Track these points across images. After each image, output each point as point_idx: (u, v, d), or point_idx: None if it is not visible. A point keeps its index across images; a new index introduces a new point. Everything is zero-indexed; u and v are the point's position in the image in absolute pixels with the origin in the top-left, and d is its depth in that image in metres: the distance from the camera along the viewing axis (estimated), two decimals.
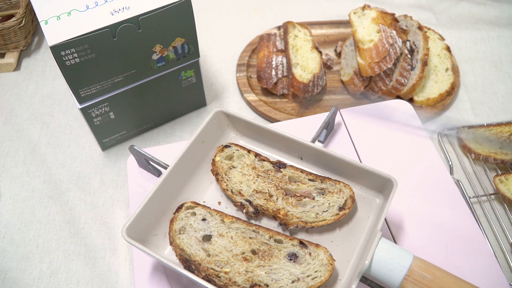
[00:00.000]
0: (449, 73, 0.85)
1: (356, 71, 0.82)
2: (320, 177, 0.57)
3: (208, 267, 0.50)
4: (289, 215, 0.54)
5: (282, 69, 0.82)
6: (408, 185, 0.62)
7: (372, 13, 0.81)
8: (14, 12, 0.94)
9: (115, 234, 0.69)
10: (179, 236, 0.53)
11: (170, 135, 0.80)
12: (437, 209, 0.60)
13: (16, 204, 0.72)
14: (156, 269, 0.55)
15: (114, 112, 0.71)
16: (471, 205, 0.69)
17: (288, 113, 0.81)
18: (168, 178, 0.55)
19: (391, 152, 0.66)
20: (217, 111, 0.60)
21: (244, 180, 0.57)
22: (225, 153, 0.60)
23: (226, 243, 0.52)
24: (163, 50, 0.67)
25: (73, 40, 0.57)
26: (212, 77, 0.89)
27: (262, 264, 0.50)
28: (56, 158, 0.77)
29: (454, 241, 0.57)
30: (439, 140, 0.78)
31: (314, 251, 0.51)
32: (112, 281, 0.64)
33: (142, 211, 0.52)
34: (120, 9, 0.60)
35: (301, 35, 0.86)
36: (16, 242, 0.68)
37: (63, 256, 0.66)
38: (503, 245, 0.66)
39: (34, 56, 0.93)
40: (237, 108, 0.84)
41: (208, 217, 0.54)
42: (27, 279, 0.64)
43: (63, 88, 0.87)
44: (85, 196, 0.73)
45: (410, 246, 0.56)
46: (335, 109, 0.65)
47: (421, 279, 0.46)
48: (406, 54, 0.80)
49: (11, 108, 0.84)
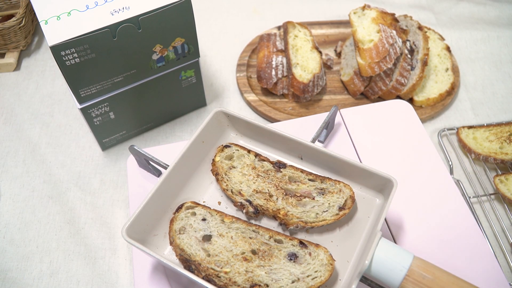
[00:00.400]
0: (449, 73, 0.85)
1: (356, 71, 0.82)
2: (320, 177, 0.57)
3: (208, 267, 0.50)
4: (289, 215, 0.54)
5: (282, 69, 0.82)
6: (408, 185, 0.62)
7: (372, 13, 0.81)
8: (14, 12, 0.94)
9: (115, 234, 0.69)
10: (179, 236, 0.53)
11: (170, 135, 0.80)
12: (437, 209, 0.60)
13: (16, 204, 0.72)
14: (156, 269, 0.55)
15: (114, 112, 0.71)
16: (471, 205, 0.69)
17: (288, 113, 0.81)
18: (168, 178, 0.55)
19: (391, 152, 0.66)
20: (217, 111, 0.60)
21: (244, 180, 0.57)
22: (225, 153, 0.60)
23: (226, 243, 0.52)
24: (163, 50, 0.67)
25: (73, 40, 0.57)
26: (212, 77, 0.89)
27: (262, 264, 0.50)
28: (56, 158, 0.77)
29: (454, 241, 0.57)
30: (439, 140, 0.78)
31: (314, 251, 0.51)
32: (112, 281, 0.64)
33: (142, 211, 0.52)
34: (120, 9, 0.60)
35: (301, 35, 0.86)
36: (16, 242, 0.68)
37: (63, 256, 0.66)
38: (503, 245, 0.66)
39: (34, 56, 0.93)
40: (237, 108, 0.84)
41: (208, 217, 0.54)
42: (27, 279, 0.64)
43: (63, 88, 0.87)
44: (85, 196, 0.73)
45: (410, 246, 0.56)
46: (335, 109, 0.65)
47: (421, 279, 0.46)
48: (406, 54, 0.80)
49: (11, 108, 0.84)
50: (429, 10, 1.02)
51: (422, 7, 1.02)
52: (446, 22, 0.99)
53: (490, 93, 0.86)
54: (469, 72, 0.90)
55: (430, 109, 0.81)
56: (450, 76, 0.84)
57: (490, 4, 1.02)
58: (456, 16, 1.00)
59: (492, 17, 1.00)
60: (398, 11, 1.00)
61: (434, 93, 0.82)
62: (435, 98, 0.81)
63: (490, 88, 0.87)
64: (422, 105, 0.82)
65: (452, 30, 0.97)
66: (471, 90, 0.87)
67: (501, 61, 0.92)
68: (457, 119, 0.82)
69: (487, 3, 1.03)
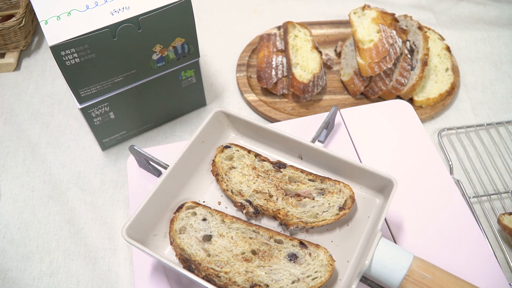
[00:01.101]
0: (449, 73, 0.85)
1: (356, 71, 0.82)
2: (320, 177, 0.57)
3: (208, 267, 0.50)
4: (289, 215, 0.54)
5: (282, 69, 0.82)
6: (408, 185, 0.62)
7: (372, 13, 0.81)
8: (14, 12, 0.94)
9: (115, 234, 0.69)
10: (179, 236, 0.53)
11: (170, 135, 0.80)
12: (437, 209, 0.60)
13: (16, 204, 0.72)
14: (156, 269, 0.55)
15: (114, 112, 0.71)
16: (471, 205, 0.69)
17: (288, 113, 0.81)
18: (168, 178, 0.55)
19: (391, 152, 0.66)
20: (217, 111, 0.60)
21: (244, 181, 0.57)
22: (225, 153, 0.60)
23: (226, 243, 0.52)
24: (163, 50, 0.67)
25: (73, 40, 0.57)
26: (212, 77, 0.89)
27: (262, 264, 0.50)
28: (56, 158, 0.77)
29: (454, 241, 0.57)
30: (439, 140, 0.78)
31: (314, 251, 0.51)
32: (112, 281, 0.64)
33: (142, 211, 0.52)
34: (120, 9, 0.60)
35: (301, 35, 0.86)
36: (16, 242, 0.68)
37: (63, 256, 0.66)
38: (503, 245, 0.66)
39: (34, 56, 0.93)
40: (237, 108, 0.84)
41: (208, 217, 0.54)
42: (27, 279, 0.64)
43: (63, 88, 0.87)
44: (85, 196, 0.73)
45: (410, 246, 0.56)
46: (335, 109, 0.65)
47: (421, 279, 0.46)
48: (406, 54, 0.80)
49: (11, 108, 0.84)
50: (429, 10, 1.02)
51: (422, 7, 1.02)
52: (446, 22, 0.99)
53: (490, 93, 0.86)
54: (469, 72, 0.90)
55: (430, 109, 0.81)
56: (450, 76, 0.84)
57: (490, 4, 1.02)
58: (456, 16, 1.00)
59: (492, 17, 1.00)
60: (398, 11, 1.00)
61: (434, 93, 0.82)
62: (435, 98, 0.81)
63: (490, 88, 0.87)
64: (422, 105, 0.82)
65: (452, 30, 0.97)
66: (471, 90, 0.87)
67: (501, 61, 0.92)
68: (457, 119, 0.82)
69: (487, 3, 1.03)
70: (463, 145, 0.77)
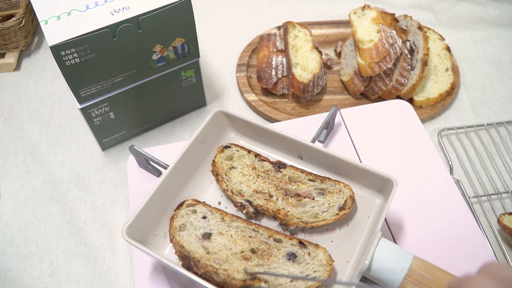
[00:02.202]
0: (449, 73, 0.85)
1: (356, 71, 0.82)
2: (320, 177, 0.57)
3: (207, 264, 0.50)
4: (289, 215, 0.54)
5: (282, 69, 0.82)
6: (408, 185, 0.62)
7: (372, 13, 0.81)
8: (14, 12, 0.94)
9: (115, 234, 0.69)
10: (179, 233, 0.53)
11: (170, 135, 0.80)
12: (437, 209, 0.60)
13: (16, 204, 0.72)
14: (156, 269, 0.55)
15: (114, 112, 0.71)
16: (471, 205, 0.69)
17: (288, 113, 0.81)
18: (168, 178, 0.55)
19: (391, 152, 0.66)
20: (217, 111, 0.60)
21: (244, 181, 0.57)
22: (225, 153, 0.60)
23: (225, 242, 0.52)
24: (163, 50, 0.67)
25: (73, 40, 0.57)
26: (212, 77, 0.89)
27: (261, 263, 0.50)
28: (56, 158, 0.77)
29: (454, 241, 0.57)
30: (439, 140, 0.78)
31: (313, 251, 0.51)
32: (112, 281, 0.64)
33: (142, 211, 0.52)
34: (120, 9, 0.60)
35: (301, 35, 0.86)
36: (16, 242, 0.68)
37: (63, 256, 0.66)
38: (503, 245, 0.66)
39: (34, 56, 0.93)
40: (237, 108, 0.84)
41: (208, 215, 0.54)
42: (27, 279, 0.64)
43: (63, 88, 0.87)
44: (85, 196, 0.73)
45: (410, 246, 0.56)
46: (335, 109, 0.65)
47: (421, 279, 0.46)
48: (406, 54, 0.80)
49: (11, 108, 0.84)
50: (429, 10, 1.02)
51: (422, 7, 1.02)
52: (446, 22, 0.99)
53: (490, 93, 0.86)
54: (469, 72, 0.90)
55: (430, 109, 0.81)
56: (450, 76, 0.84)
57: (490, 4, 1.02)
58: (456, 16, 1.00)
59: (492, 17, 1.00)
60: (398, 11, 1.00)
61: (434, 93, 0.82)
62: (435, 98, 0.81)
63: (490, 88, 0.87)
64: (422, 105, 0.82)
65: (452, 30, 0.97)
66: (471, 90, 0.87)
67: (501, 61, 0.92)
68: (457, 119, 0.82)
69: (487, 3, 1.03)
70: (463, 145, 0.77)
